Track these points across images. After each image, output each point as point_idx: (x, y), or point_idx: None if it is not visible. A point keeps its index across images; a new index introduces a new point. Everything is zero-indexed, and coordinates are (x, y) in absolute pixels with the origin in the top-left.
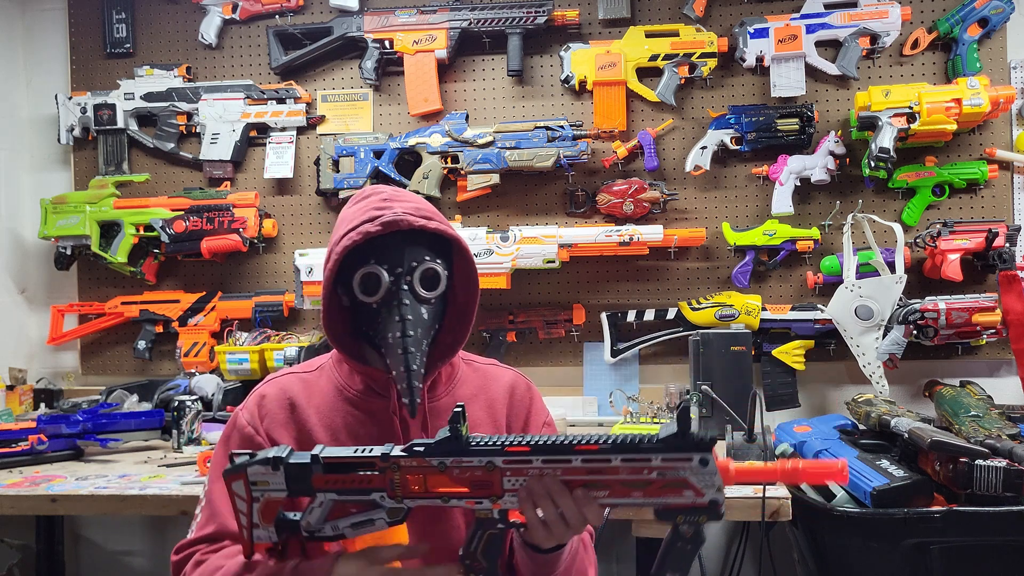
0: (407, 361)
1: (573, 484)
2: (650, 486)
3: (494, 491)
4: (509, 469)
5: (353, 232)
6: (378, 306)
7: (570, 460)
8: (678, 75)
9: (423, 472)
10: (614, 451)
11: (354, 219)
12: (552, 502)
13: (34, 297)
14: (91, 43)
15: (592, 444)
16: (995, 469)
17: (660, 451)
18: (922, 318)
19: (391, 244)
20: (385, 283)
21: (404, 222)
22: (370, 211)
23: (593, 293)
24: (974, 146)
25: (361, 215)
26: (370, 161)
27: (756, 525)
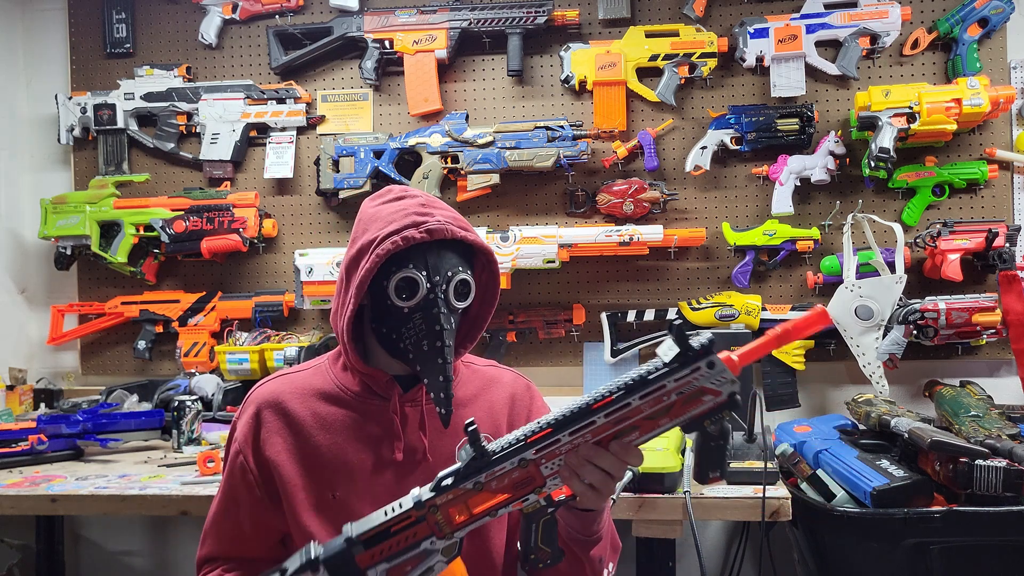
0: (446, 371)
1: (605, 440)
2: (673, 408)
3: (536, 483)
4: (541, 456)
5: (396, 236)
6: (410, 311)
7: (594, 421)
8: (678, 75)
9: (462, 499)
10: (630, 393)
11: (393, 221)
12: (594, 466)
13: (34, 297)
14: (91, 43)
15: (608, 397)
16: (995, 469)
17: (671, 374)
18: (922, 318)
19: (429, 251)
20: (423, 290)
21: (448, 231)
22: (412, 215)
23: (593, 293)
24: (974, 146)
25: (402, 218)
26: (370, 161)
27: (756, 525)
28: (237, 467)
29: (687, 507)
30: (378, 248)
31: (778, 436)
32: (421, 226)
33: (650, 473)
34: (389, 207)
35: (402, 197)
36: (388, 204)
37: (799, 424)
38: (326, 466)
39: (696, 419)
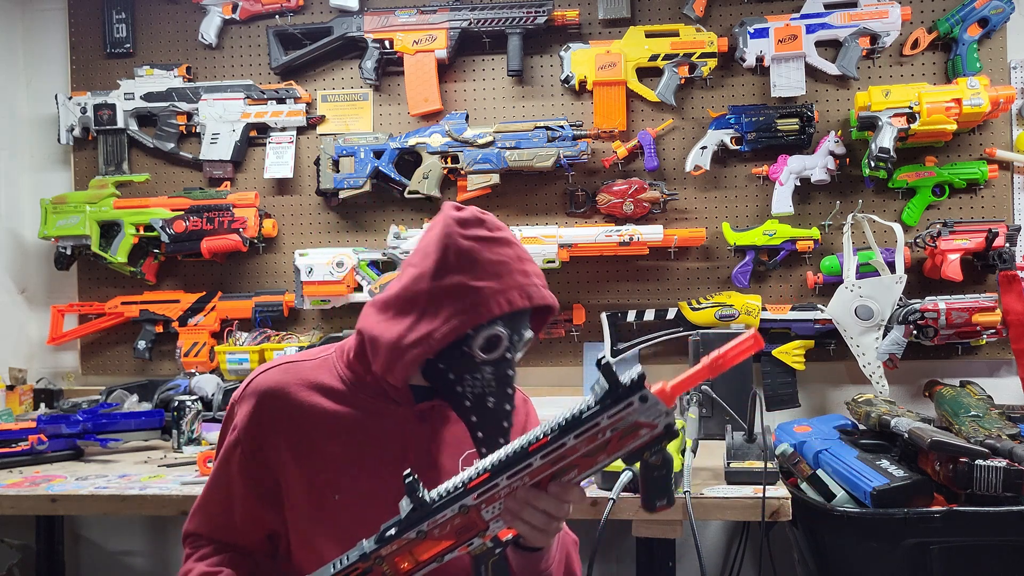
0: (506, 433)
1: (544, 481)
2: (610, 444)
3: (479, 527)
4: (481, 502)
5: (502, 298)
6: (482, 363)
7: (531, 463)
8: (678, 75)
9: (407, 548)
10: (564, 433)
11: (497, 274)
12: (533, 508)
13: (34, 297)
14: (91, 43)
15: (542, 438)
16: (995, 469)
17: (603, 412)
18: (922, 318)
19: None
20: (503, 347)
21: (546, 300)
22: (516, 275)
23: (593, 293)
24: (974, 146)
25: (506, 275)
26: (370, 161)
27: (756, 525)
28: (235, 458)
29: (687, 507)
30: (483, 304)
31: (778, 436)
32: (525, 291)
33: None
34: (488, 252)
35: (499, 240)
36: (486, 246)
37: (799, 424)
38: (329, 467)
39: (635, 452)
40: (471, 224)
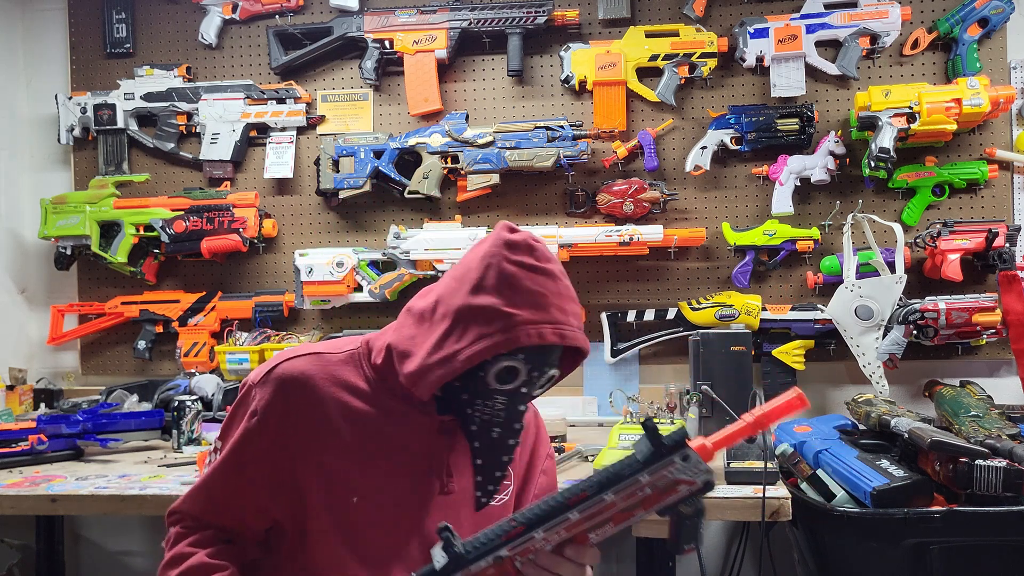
0: (504, 468)
1: (579, 537)
2: (647, 499)
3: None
4: (516, 554)
5: (533, 330)
6: (495, 391)
7: (568, 517)
8: (678, 75)
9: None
10: (603, 489)
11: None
12: (552, 573)
13: (34, 297)
14: (91, 43)
15: (581, 493)
16: (995, 469)
17: (645, 470)
18: (922, 318)
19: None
20: (519, 381)
21: (579, 342)
22: (553, 309)
23: (593, 293)
24: (974, 146)
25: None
26: (370, 161)
27: (756, 525)
28: (254, 443)
29: None
30: (512, 332)
31: (778, 436)
32: (559, 328)
33: None
34: (529, 280)
35: (544, 271)
36: (528, 274)
37: (799, 424)
38: (349, 467)
39: (671, 506)
40: (519, 249)
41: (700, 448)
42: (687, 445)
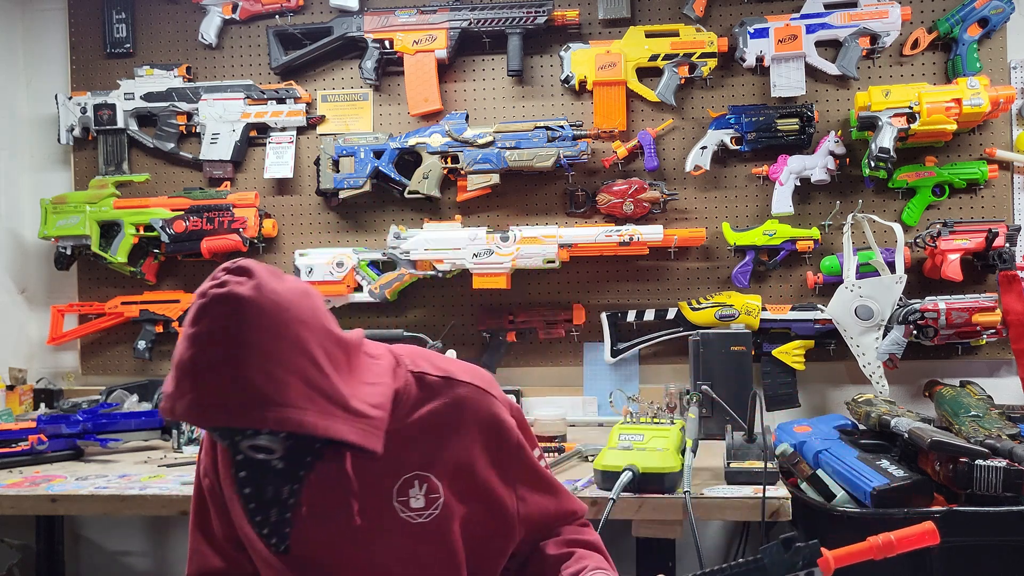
0: (255, 525)
1: None
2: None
3: None
4: None
5: (166, 406)
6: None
7: None
8: (678, 75)
9: None
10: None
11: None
12: None
13: (34, 297)
14: (91, 43)
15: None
16: (995, 469)
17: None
18: (922, 318)
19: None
20: (224, 443)
21: (220, 422)
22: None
23: (593, 293)
24: (974, 146)
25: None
26: (370, 161)
27: (756, 525)
28: (205, 489)
29: (687, 507)
30: (163, 402)
31: (778, 436)
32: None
33: (650, 473)
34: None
35: (187, 336)
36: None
37: (799, 424)
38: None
39: None
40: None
41: (823, 561)
42: (815, 563)
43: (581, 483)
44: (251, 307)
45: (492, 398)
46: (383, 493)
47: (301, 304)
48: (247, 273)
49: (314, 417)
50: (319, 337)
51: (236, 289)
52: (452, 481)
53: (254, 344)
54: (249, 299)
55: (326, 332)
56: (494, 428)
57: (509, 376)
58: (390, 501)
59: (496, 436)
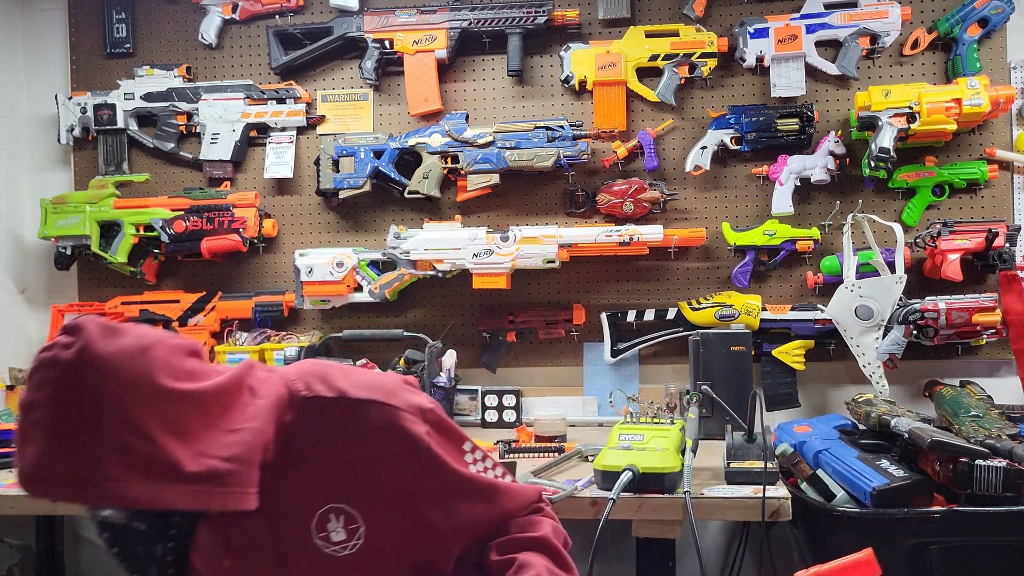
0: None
1: None
2: None
3: None
4: None
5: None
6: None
7: None
8: (678, 75)
9: None
10: None
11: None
12: None
13: (34, 297)
14: (91, 43)
15: None
16: (995, 469)
17: None
18: (922, 318)
19: None
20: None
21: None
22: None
23: (593, 293)
24: (974, 146)
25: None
26: (370, 161)
27: (756, 525)
28: None
29: (687, 507)
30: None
31: (778, 436)
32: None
33: (650, 473)
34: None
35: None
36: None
37: (799, 424)
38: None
39: None
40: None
41: None
42: None
43: (581, 483)
44: (70, 374)
45: (395, 410)
46: (302, 533)
47: (132, 365)
48: (77, 333)
49: (138, 490)
50: (150, 400)
51: (58, 354)
52: (371, 506)
53: (69, 415)
54: (68, 364)
55: (162, 393)
56: (401, 442)
57: (509, 376)
58: (311, 540)
59: (405, 450)
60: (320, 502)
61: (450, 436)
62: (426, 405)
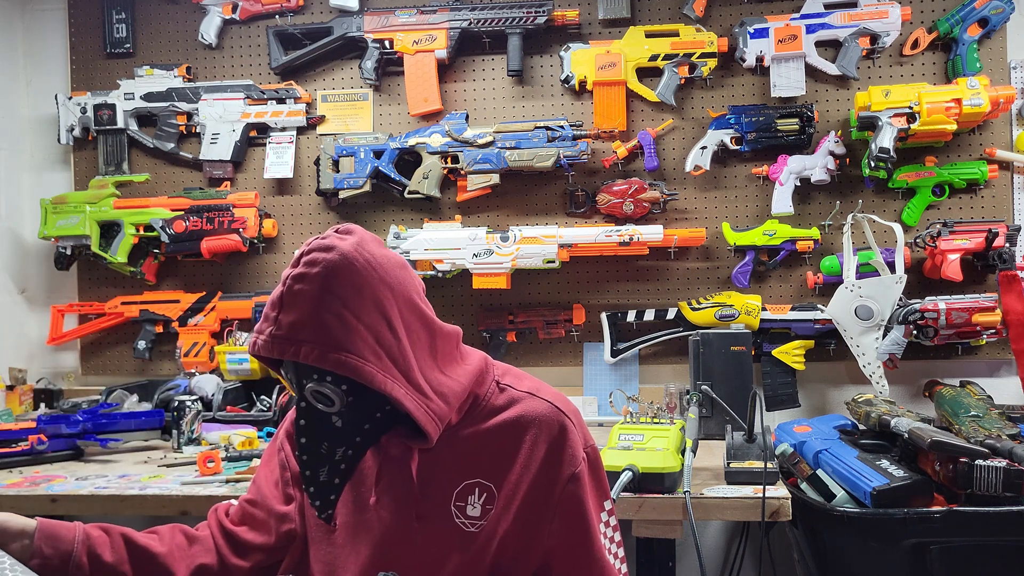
0: (306, 480)
1: None
2: None
3: None
4: None
5: (253, 339)
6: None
7: None
8: (678, 75)
9: None
10: None
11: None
12: None
13: (34, 297)
14: (91, 43)
15: None
16: (995, 469)
17: None
18: (922, 318)
19: None
20: (293, 385)
21: (275, 353)
22: (262, 324)
23: (593, 293)
24: (974, 146)
25: (262, 321)
26: (370, 161)
27: (756, 525)
28: (275, 451)
29: (687, 507)
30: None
31: (778, 436)
32: (257, 338)
33: (650, 473)
34: (279, 287)
35: (288, 277)
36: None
37: (799, 424)
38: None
39: None
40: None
41: None
42: None
43: None
44: (343, 258)
45: (570, 424)
46: (445, 496)
47: (392, 271)
48: (351, 233)
49: (374, 370)
50: (401, 305)
51: (335, 242)
52: (510, 498)
53: (336, 290)
54: (344, 251)
55: (410, 304)
56: (562, 455)
57: None
58: (448, 504)
59: (562, 467)
60: (472, 473)
61: (599, 480)
62: (590, 440)
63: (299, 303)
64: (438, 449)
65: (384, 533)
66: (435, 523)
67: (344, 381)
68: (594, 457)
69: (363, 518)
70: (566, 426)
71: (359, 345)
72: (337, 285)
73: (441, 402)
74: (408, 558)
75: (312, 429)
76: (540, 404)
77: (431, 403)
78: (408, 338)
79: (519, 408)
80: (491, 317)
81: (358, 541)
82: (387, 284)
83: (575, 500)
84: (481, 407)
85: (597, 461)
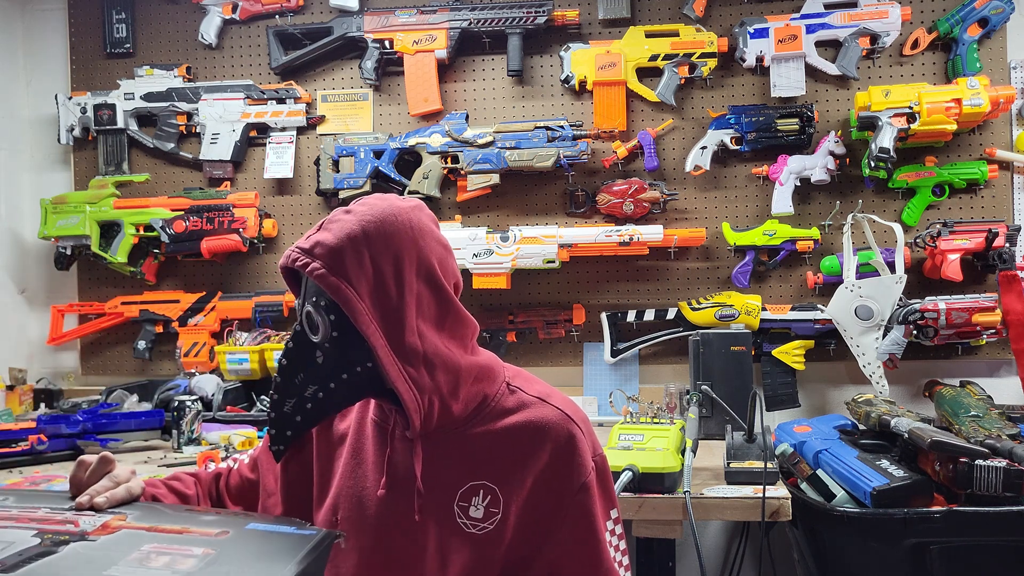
0: (277, 410)
1: None
2: None
3: None
4: None
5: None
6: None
7: None
8: (678, 75)
9: None
10: None
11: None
12: None
13: (34, 297)
14: (91, 43)
15: None
16: (995, 469)
17: None
18: (922, 318)
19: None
20: (297, 305)
21: (298, 265)
22: (301, 241)
23: (593, 293)
24: (974, 146)
25: (301, 238)
26: (370, 161)
27: (756, 525)
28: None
29: (687, 507)
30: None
31: (778, 436)
32: (292, 251)
33: (650, 473)
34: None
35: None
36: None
37: (799, 424)
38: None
39: None
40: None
41: None
42: None
43: None
44: (391, 209)
45: (579, 432)
46: (448, 495)
47: (431, 244)
48: (415, 202)
49: (363, 308)
50: (421, 274)
51: (396, 200)
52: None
53: (369, 232)
54: (396, 206)
55: (431, 278)
56: (570, 461)
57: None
58: (452, 503)
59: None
60: (478, 475)
61: (607, 489)
62: (599, 449)
63: (334, 229)
64: (445, 445)
65: (385, 526)
66: (436, 520)
67: (334, 311)
68: (603, 466)
69: (364, 512)
70: (575, 434)
71: (362, 284)
72: (372, 229)
73: (426, 372)
74: (408, 554)
75: (294, 356)
76: (550, 411)
77: (416, 378)
78: (414, 304)
79: (529, 413)
80: (491, 317)
81: (359, 533)
82: (418, 249)
83: (584, 510)
84: (491, 407)
85: (606, 470)
